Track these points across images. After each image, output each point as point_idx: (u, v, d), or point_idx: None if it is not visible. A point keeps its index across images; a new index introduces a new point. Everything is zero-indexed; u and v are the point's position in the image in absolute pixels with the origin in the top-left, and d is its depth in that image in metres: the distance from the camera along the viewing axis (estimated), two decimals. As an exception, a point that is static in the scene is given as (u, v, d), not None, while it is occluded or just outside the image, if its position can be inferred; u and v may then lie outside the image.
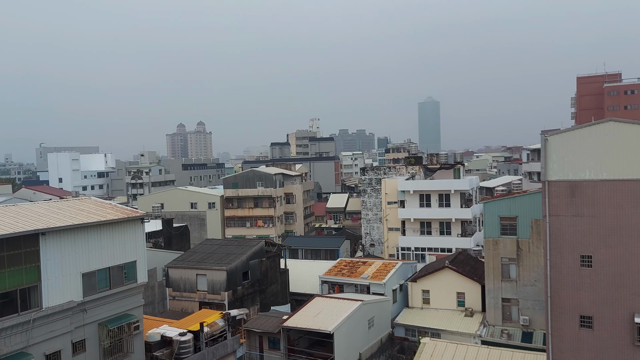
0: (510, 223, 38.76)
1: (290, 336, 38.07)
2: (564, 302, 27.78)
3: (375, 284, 44.40)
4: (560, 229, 27.66)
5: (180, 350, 30.58)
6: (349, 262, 50.52)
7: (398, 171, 70.43)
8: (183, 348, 30.66)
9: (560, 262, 27.73)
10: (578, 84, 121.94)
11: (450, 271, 43.49)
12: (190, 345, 30.96)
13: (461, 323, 40.98)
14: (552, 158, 27.78)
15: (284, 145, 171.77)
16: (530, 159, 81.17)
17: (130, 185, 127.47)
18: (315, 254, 66.37)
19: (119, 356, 28.56)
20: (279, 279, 47.79)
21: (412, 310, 44.54)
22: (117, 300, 28.88)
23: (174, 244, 57.37)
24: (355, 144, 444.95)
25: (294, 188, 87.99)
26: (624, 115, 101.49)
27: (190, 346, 30.95)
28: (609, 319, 26.55)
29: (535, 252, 37.65)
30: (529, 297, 38.40)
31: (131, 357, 29.26)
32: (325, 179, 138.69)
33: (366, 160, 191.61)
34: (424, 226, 60.80)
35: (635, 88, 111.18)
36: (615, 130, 26.34)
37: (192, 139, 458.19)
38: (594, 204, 26.73)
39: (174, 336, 31.11)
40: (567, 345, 27.73)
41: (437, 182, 61.59)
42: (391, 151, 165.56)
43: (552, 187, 27.86)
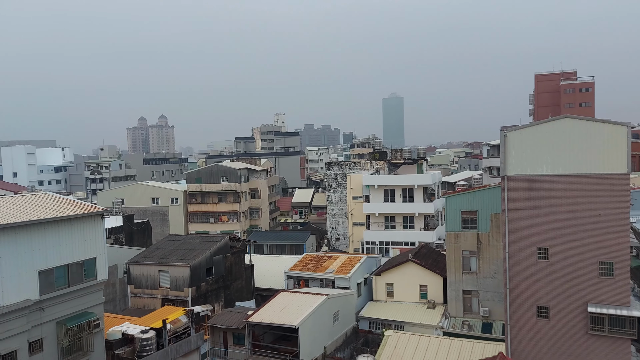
0: (471, 217, 39.68)
1: (255, 331, 37.96)
2: (522, 294, 28.70)
3: (341, 278, 44.71)
4: (519, 222, 28.53)
5: (143, 348, 30.02)
6: (315, 256, 50.69)
7: (363, 166, 70.98)
8: (145, 345, 30.11)
9: (519, 255, 28.62)
10: (536, 82, 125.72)
11: (413, 264, 44.21)
12: (152, 342, 30.44)
13: (424, 315, 41.76)
14: (511, 153, 28.57)
15: (248, 140, 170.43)
16: (490, 155, 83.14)
17: (90, 180, 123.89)
18: (281, 249, 66.26)
19: (78, 355, 27.82)
20: (244, 274, 47.50)
21: (376, 304, 45.09)
22: (76, 298, 28.09)
23: (136, 240, 56.21)
24: (320, 139, 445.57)
25: (259, 183, 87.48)
26: (579, 112, 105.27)
27: (152, 343, 30.42)
28: (564, 309, 27.61)
29: (494, 245, 38.69)
30: (489, 289, 39.45)
31: (91, 356, 28.56)
32: (290, 173, 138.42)
33: (331, 155, 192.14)
34: (388, 220, 61.54)
35: (589, 86, 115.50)
36: (571, 127, 27.31)
37: (154, 133, 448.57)
38: (551, 198, 27.68)
39: (135, 334, 30.51)
40: (525, 335, 28.69)
41: (401, 177, 62.39)
42: (356, 146, 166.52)
43: (510, 181, 28.68)
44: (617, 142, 26.21)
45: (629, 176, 26.54)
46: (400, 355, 34.06)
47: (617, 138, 26.23)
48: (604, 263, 26.62)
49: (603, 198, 26.47)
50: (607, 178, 26.41)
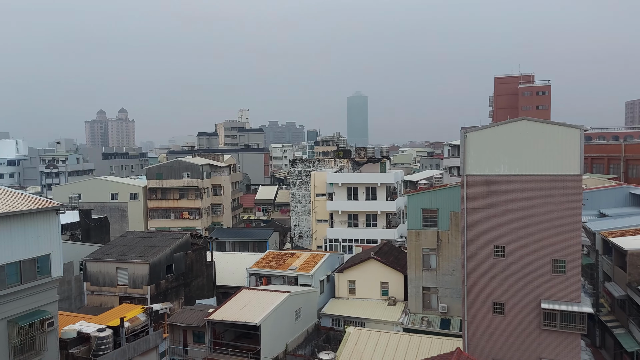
0: (432, 215, 40.45)
1: (215, 329, 37.61)
2: (478, 290, 29.47)
3: (303, 276, 44.79)
4: (477, 221, 29.26)
5: (99, 347, 29.29)
6: (277, 254, 50.57)
7: (327, 164, 71.22)
8: (102, 344, 29.38)
9: (476, 252, 29.37)
10: (496, 84, 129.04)
11: (375, 262, 44.73)
12: (109, 341, 29.73)
13: (384, 312, 42.33)
14: (470, 154, 29.25)
15: (211, 136, 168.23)
16: (451, 155, 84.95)
17: (45, 175, 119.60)
18: (243, 246, 65.78)
19: (30, 355, 26.88)
20: (205, 272, 46.93)
21: (338, 301, 45.40)
22: (29, 296, 27.12)
23: (93, 237, 54.68)
24: (285, 136, 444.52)
25: (222, 179, 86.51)
26: (536, 114, 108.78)
27: (109, 342, 29.72)
28: (519, 305, 28.51)
29: (453, 242, 39.57)
30: (448, 285, 40.34)
31: (44, 356, 27.65)
32: (254, 170, 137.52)
33: (296, 152, 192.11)
34: (351, 218, 61.99)
35: (546, 89, 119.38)
36: (527, 129, 28.19)
37: (113, 126, 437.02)
38: (508, 197, 28.51)
39: (91, 332, 29.75)
40: (481, 330, 29.48)
41: (364, 175, 62.94)
42: (321, 144, 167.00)
43: (470, 181, 29.38)
44: (571, 144, 27.20)
45: (582, 177, 27.59)
46: (360, 351, 34.42)
47: (570, 140, 27.23)
48: (556, 261, 27.62)
49: (556, 198, 27.45)
50: (560, 179, 27.39)
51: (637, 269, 36.56)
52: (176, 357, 37.54)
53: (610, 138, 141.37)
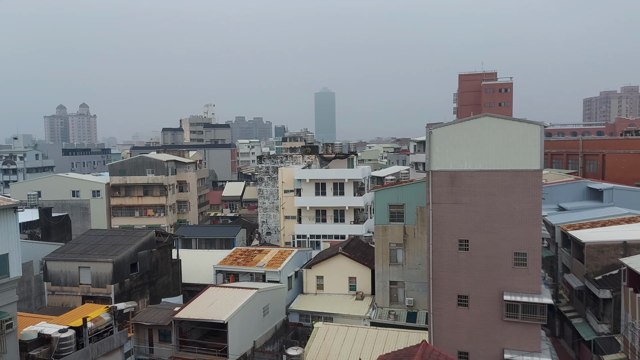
0: (398, 210, 40.97)
1: (182, 328, 37.15)
2: (444, 284, 30.05)
3: (271, 272, 44.69)
4: (442, 215, 29.80)
5: (61, 348, 28.52)
6: (245, 250, 50.28)
7: (295, 160, 71.13)
8: (63, 345, 28.61)
9: (441, 247, 29.92)
10: (460, 81, 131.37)
11: (343, 257, 45.01)
12: (71, 342, 28.98)
13: (352, 306, 42.68)
14: (435, 150, 29.74)
15: (176, 131, 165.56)
16: (417, 150, 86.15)
17: (2, 172, 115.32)
18: (210, 244, 65.10)
19: (-13, 359, 25.97)
20: (171, 270, 46.26)
21: (306, 296, 45.51)
22: (-15, 298, 26.15)
23: (54, 235, 53.13)
24: (252, 131, 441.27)
25: (188, 176, 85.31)
26: (498, 111, 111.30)
27: (71, 343, 28.97)
28: (482, 298, 29.22)
29: (419, 237, 40.19)
30: (414, 279, 40.98)
31: (3, 358, 26.73)
32: (221, 166, 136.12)
33: (263, 148, 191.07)
34: (319, 214, 62.15)
35: (508, 86, 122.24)
36: (490, 125, 28.84)
37: (74, 122, 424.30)
38: (471, 192, 29.13)
39: (52, 333, 28.92)
40: (446, 323, 30.09)
41: (332, 171, 63.17)
42: (288, 140, 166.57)
43: (435, 176, 29.88)
44: (531, 140, 27.99)
45: (542, 172, 28.44)
46: (328, 346, 34.65)
47: (531, 136, 28.02)
48: (518, 254, 28.42)
49: (518, 193, 28.22)
50: (521, 174, 28.16)
51: (594, 261, 37.98)
52: (142, 356, 36.92)
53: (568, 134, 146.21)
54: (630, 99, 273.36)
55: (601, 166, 69.40)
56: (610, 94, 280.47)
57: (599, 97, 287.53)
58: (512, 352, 28.29)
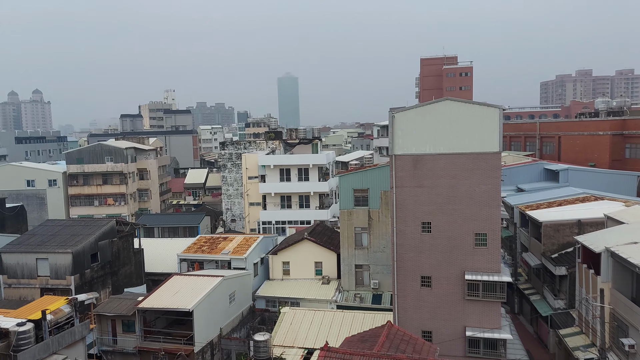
0: (363, 195, 41.32)
1: (146, 317, 36.65)
2: (407, 265, 30.59)
3: (237, 259, 44.47)
4: (405, 199, 30.22)
5: (19, 342, 27.61)
6: (209, 238, 49.81)
7: (258, 146, 70.58)
8: (22, 339, 27.72)
9: (405, 229, 30.39)
10: (422, 65, 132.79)
11: (308, 242, 45.18)
12: (30, 335, 28.10)
13: (319, 291, 43.01)
14: (398, 134, 30.00)
15: (135, 118, 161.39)
16: (380, 135, 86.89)
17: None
18: (173, 232, 64.18)
19: (-60, 357, 24.93)
20: (133, 259, 45.40)
21: (272, 282, 45.56)
22: None
23: (8, 227, 51.26)
24: (214, 117, 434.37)
25: (148, 163, 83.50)
26: (459, 95, 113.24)
27: (30, 336, 28.09)
28: (445, 278, 29.92)
29: (384, 221, 40.70)
30: (379, 262, 41.57)
31: (-44, 357, 25.74)
32: (182, 153, 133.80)
33: (226, 134, 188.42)
34: (284, 200, 62.04)
35: (468, 70, 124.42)
36: (451, 109, 29.27)
37: (27, 109, 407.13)
38: (433, 175, 29.61)
39: (10, 327, 27.95)
40: (410, 303, 30.71)
41: (296, 156, 63.02)
42: (251, 126, 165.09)
43: (398, 160, 30.20)
44: (491, 123, 28.59)
45: (500, 155, 29.15)
46: (295, 330, 34.88)
47: (490, 119, 28.60)
48: (478, 234, 29.16)
49: (478, 175, 28.85)
50: (481, 156, 28.78)
51: (550, 240, 39.43)
52: (105, 347, 36.25)
53: (526, 117, 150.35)
54: (584, 82, 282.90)
55: (557, 148, 71.78)
56: (565, 78, 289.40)
57: (555, 81, 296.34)
58: (474, 330, 29.17)
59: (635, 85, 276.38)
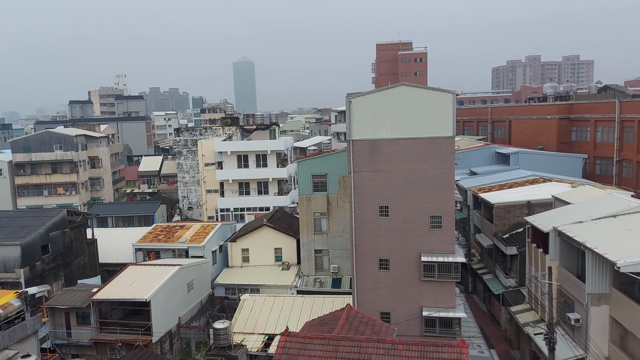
0: (321, 180, 41.50)
1: (102, 309, 35.85)
2: (366, 249, 31.07)
3: (194, 247, 43.94)
4: (363, 183, 30.56)
5: (-34, 341, 26.50)
6: (166, 227, 48.97)
7: (215, 132, 69.49)
8: (-31, 338, 26.61)
9: (363, 214, 30.79)
10: (377, 51, 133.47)
11: (268, 229, 45.10)
12: (-22, 333, 26.99)
13: (279, 277, 43.12)
14: (355, 119, 30.20)
15: (85, 104, 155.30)
16: (338, 120, 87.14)
17: None
18: (128, 221, 62.61)
19: None
20: (87, 250, 44.14)
21: (232, 270, 45.31)
22: None
23: (-50, 220, 48.55)
24: (168, 103, 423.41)
25: (100, 151, 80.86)
26: (414, 80, 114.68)
27: (-22, 334, 26.99)
28: (402, 260, 30.57)
29: (342, 206, 41.04)
30: (338, 247, 41.99)
31: None
32: (135, 140, 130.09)
33: (181, 120, 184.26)
34: (242, 187, 61.51)
35: (422, 56, 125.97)
36: (406, 94, 29.66)
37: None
38: (390, 160, 30.04)
39: (-45, 326, 26.76)
40: (368, 285, 31.27)
41: (254, 142, 62.48)
42: (207, 111, 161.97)
43: (355, 145, 30.45)
44: (445, 108, 29.17)
45: (454, 139, 29.84)
46: (256, 317, 34.93)
47: (444, 104, 29.18)
48: (434, 217, 29.89)
49: (433, 159, 29.48)
50: (436, 141, 29.38)
51: (502, 221, 40.87)
52: (59, 341, 35.25)
53: (479, 102, 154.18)
54: (533, 67, 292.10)
55: (508, 131, 74.10)
56: (515, 63, 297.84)
57: (506, 66, 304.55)
58: (430, 309, 30.03)
59: (581, 71, 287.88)
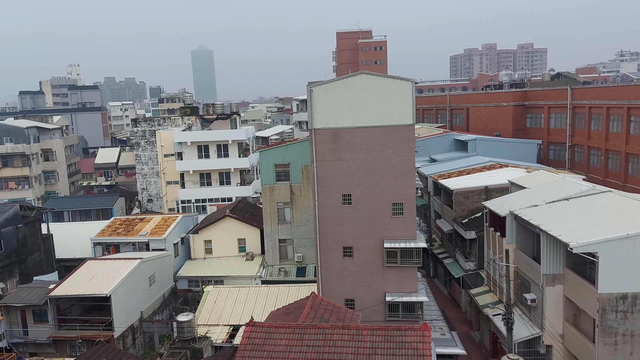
0: (284, 170, 41.38)
1: (60, 306, 34.85)
2: (330, 237, 31.25)
3: (155, 240, 43.20)
4: (325, 172, 30.65)
5: None
6: (125, 220, 47.87)
7: (174, 122, 68.14)
8: None
9: (326, 202, 30.91)
10: (338, 39, 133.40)
11: (231, 220, 44.73)
12: None
13: (243, 267, 42.91)
14: (317, 108, 30.16)
15: (37, 95, 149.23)
16: (300, 109, 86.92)
17: None
18: (85, 215, 60.87)
19: None
20: (42, 245, 42.71)
21: (194, 262, 44.79)
22: None
23: None
24: (124, 93, 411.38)
25: (54, 143, 78.08)
26: (374, 69, 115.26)
27: None
28: (365, 247, 30.92)
29: (306, 195, 41.11)
30: (302, 236, 42.11)
31: None
32: (91, 132, 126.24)
33: (138, 111, 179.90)
34: (203, 177, 60.68)
35: (382, 44, 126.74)
36: (367, 82, 29.80)
37: None
38: (352, 148, 30.21)
39: None
40: (333, 273, 31.51)
41: (214, 132, 61.61)
42: (165, 101, 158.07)
43: (317, 134, 30.45)
44: (405, 96, 29.48)
45: (414, 127, 30.25)
46: (220, 308, 34.73)
47: (404, 92, 29.47)
48: (395, 204, 30.30)
49: (393, 147, 29.80)
50: (396, 129, 29.70)
51: (461, 206, 41.88)
52: (15, 339, 34.11)
53: (438, 90, 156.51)
54: (489, 55, 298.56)
55: (466, 119, 75.71)
56: (472, 51, 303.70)
57: (463, 54, 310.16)
58: (393, 295, 30.57)
59: (535, 58, 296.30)
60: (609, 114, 52.86)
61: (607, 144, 53.01)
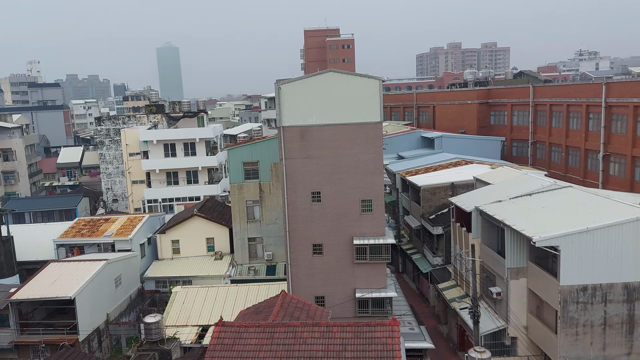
0: (253, 168, 41.14)
1: (22, 310, 33.79)
2: (299, 235, 31.28)
3: (121, 241, 42.36)
4: (294, 170, 30.64)
5: None
6: (89, 220, 46.74)
7: (139, 120, 66.82)
8: None
9: (296, 200, 30.92)
10: (306, 37, 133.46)
11: (199, 219, 44.21)
12: None
13: (211, 267, 42.48)
14: (285, 105, 30.12)
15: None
16: (268, 107, 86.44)
17: None
18: (48, 216, 59.10)
19: None
20: (2, 248, 41.24)
21: (162, 262, 44.09)
22: None
23: None
24: (87, 91, 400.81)
25: (13, 142, 75.54)
26: (342, 67, 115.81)
27: None
28: (335, 245, 31.07)
29: (275, 193, 40.97)
30: (272, 234, 41.95)
31: None
32: (53, 131, 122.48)
33: (102, 109, 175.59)
34: (170, 176, 59.77)
35: (350, 43, 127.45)
36: (334, 80, 29.92)
37: None
38: (320, 146, 30.29)
39: None
40: (303, 271, 31.56)
41: (181, 130, 60.73)
42: (130, 99, 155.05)
43: (286, 132, 30.41)
44: (372, 94, 29.72)
45: (382, 124, 30.55)
46: (189, 309, 34.32)
47: (371, 90, 29.71)
48: (364, 201, 30.55)
49: (361, 144, 30.03)
50: (364, 126, 29.92)
51: (428, 202, 42.53)
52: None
53: (405, 88, 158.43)
54: (454, 54, 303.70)
55: (432, 116, 76.85)
56: (438, 50, 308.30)
57: (429, 53, 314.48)
58: (363, 291, 30.83)
59: (498, 57, 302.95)
60: (569, 112, 54.57)
61: (567, 140, 54.73)
